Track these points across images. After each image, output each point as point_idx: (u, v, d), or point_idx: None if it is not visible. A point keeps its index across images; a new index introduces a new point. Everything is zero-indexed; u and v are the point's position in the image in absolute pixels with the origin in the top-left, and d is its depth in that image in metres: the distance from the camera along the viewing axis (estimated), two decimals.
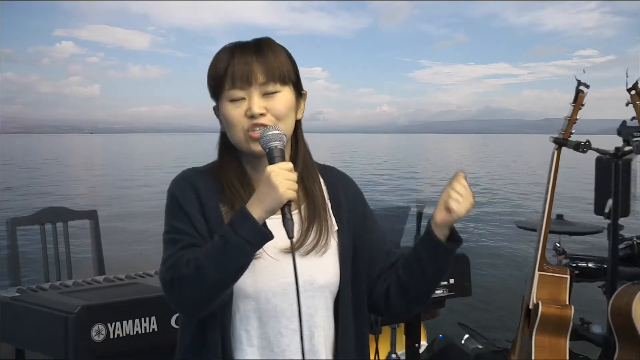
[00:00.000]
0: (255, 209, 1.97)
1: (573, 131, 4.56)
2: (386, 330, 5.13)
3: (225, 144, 2.25)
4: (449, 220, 2.13)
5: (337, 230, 2.28)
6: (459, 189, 2.11)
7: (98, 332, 3.17)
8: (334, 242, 2.26)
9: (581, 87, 4.50)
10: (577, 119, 4.53)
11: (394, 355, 5.18)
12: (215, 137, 2.27)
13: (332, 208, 2.31)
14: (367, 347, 2.40)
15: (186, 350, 2.22)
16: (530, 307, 4.45)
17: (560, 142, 4.55)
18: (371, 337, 4.25)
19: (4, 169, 40.35)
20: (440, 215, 2.13)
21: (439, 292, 4.18)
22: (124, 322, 3.24)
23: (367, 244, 2.34)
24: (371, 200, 2.38)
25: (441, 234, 2.16)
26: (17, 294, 3.59)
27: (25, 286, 3.77)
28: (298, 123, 2.27)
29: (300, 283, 2.01)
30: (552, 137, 4.58)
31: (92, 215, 4.81)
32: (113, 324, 3.21)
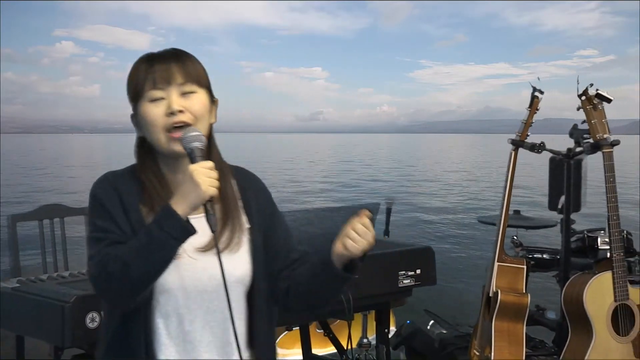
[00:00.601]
0: (179, 205, 1.97)
1: (529, 133, 4.66)
2: (358, 317, 5.19)
3: (143, 148, 2.23)
4: (344, 256, 2.14)
5: (249, 228, 2.28)
6: (358, 228, 2.13)
7: (92, 320, 3.22)
8: (245, 240, 2.26)
9: (536, 93, 4.58)
10: (532, 122, 4.62)
11: (365, 340, 5.25)
12: (215, 137, 2.27)
13: (243, 207, 2.31)
14: (274, 335, 2.45)
15: (110, 343, 2.20)
16: (490, 295, 4.51)
17: (517, 144, 4.64)
18: (344, 323, 4.38)
19: (4, 169, 39.46)
20: (338, 249, 2.14)
21: (406, 281, 4.23)
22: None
23: (272, 242, 2.33)
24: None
25: (339, 261, 2.17)
26: (17, 285, 3.63)
27: (24, 277, 3.80)
28: (211, 127, 2.26)
29: (218, 279, 2.06)
30: (509, 139, 4.65)
31: (87, 211, 4.82)
32: None
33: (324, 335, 4.77)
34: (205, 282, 2.15)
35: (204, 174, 1.99)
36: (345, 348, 4.75)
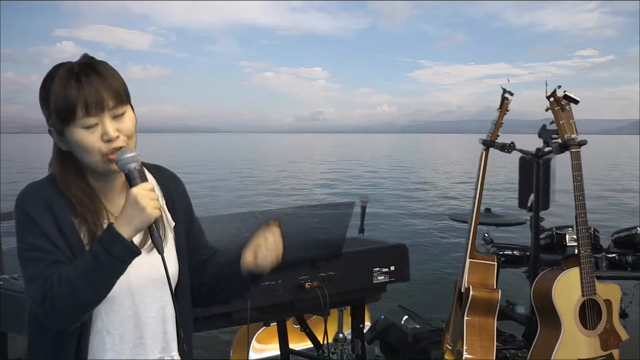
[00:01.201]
0: (124, 229, 1.94)
1: (499, 134, 4.64)
2: (334, 313, 5.18)
3: (66, 161, 2.14)
4: (253, 267, 2.20)
5: (174, 225, 2.29)
6: (270, 240, 2.18)
7: None
8: (171, 237, 2.27)
9: (506, 95, 4.58)
10: (502, 123, 4.61)
11: (341, 335, 5.23)
12: (216, 137, 2.27)
13: (166, 205, 2.30)
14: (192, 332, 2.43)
15: (46, 351, 2.12)
16: (462, 290, 4.50)
17: (488, 144, 4.63)
18: (320, 318, 4.34)
19: (4, 169, 39.01)
20: (248, 258, 2.20)
21: (381, 278, 4.22)
22: None
23: (191, 238, 2.36)
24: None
25: (246, 268, 2.23)
26: (0, 283, 3.59)
27: (7, 275, 3.75)
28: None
29: (151, 279, 2.11)
30: (480, 139, 4.65)
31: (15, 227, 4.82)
32: None
33: (301, 330, 4.77)
34: (142, 281, 2.15)
35: (148, 197, 1.96)
36: (321, 343, 4.75)
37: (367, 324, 5.74)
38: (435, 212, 20.97)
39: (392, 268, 4.25)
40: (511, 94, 4.59)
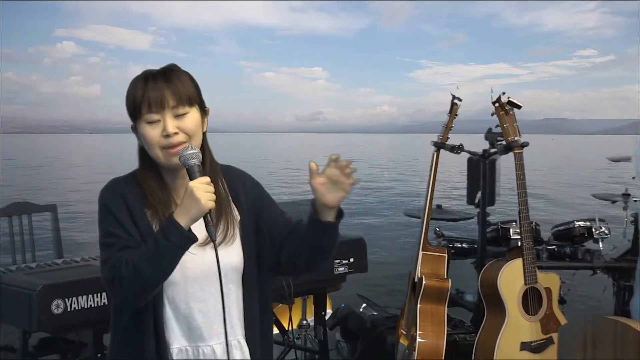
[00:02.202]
0: (181, 218, 2.04)
1: (449, 136, 4.69)
2: (298, 301, 5.19)
3: (144, 156, 2.26)
4: (324, 205, 2.15)
5: (240, 219, 2.32)
6: (341, 166, 2.11)
7: (57, 306, 3.20)
8: (238, 232, 2.30)
9: (455, 101, 4.62)
10: (452, 127, 4.66)
11: (304, 322, 5.26)
12: (216, 137, 2.28)
13: (233, 201, 2.34)
14: (270, 315, 2.46)
15: (125, 328, 2.24)
16: (416, 280, 4.53)
17: (439, 146, 4.67)
18: (285, 306, 4.36)
19: (4, 169, 37.80)
20: (327, 198, 2.13)
21: (341, 269, 4.24)
22: (79, 298, 3.27)
23: (267, 218, 2.36)
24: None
25: (329, 214, 2.19)
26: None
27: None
28: (204, 135, 2.29)
29: (215, 269, 2.11)
30: (432, 141, 4.69)
31: (52, 208, 4.80)
32: (70, 299, 3.25)
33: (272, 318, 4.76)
34: (206, 273, 2.20)
35: (203, 190, 2.05)
36: (286, 329, 4.75)
37: (329, 311, 5.74)
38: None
39: (352, 260, 4.27)
40: (460, 100, 4.63)
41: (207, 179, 2.09)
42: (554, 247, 5.61)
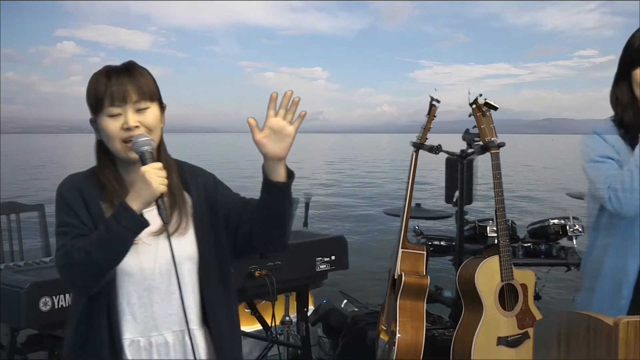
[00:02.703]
0: (134, 202, 2.04)
1: (428, 137, 4.70)
2: (281, 298, 5.20)
3: (103, 151, 2.26)
4: (271, 163, 2.14)
5: (193, 211, 2.31)
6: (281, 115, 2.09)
7: (45, 304, 3.20)
8: (191, 222, 2.29)
9: (433, 102, 4.63)
10: (430, 127, 4.67)
11: (287, 318, 5.26)
12: (215, 137, 2.28)
13: (186, 192, 2.33)
14: (233, 302, 2.44)
15: (78, 319, 2.22)
16: (395, 277, 4.53)
17: (418, 146, 4.68)
18: (268, 303, 4.35)
19: (4, 168, 37.66)
20: (271, 148, 2.10)
21: (322, 266, 4.24)
22: (66, 295, 3.26)
23: (222, 201, 2.34)
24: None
25: (280, 173, 2.15)
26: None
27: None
28: (161, 130, 2.29)
29: (170, 259, 2.13)
30: (411, 142, 4.70)
31: (40, 208, 4.77)
32: (57, 296, 3.24)
33: (251, 314, 4.77)
34: (159, 263, 2.19)
35: (155, 174, 2.06)
36: (269, 325, 4.75)
37: (311, 307, 5.75)
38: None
39: (333, 258, 4.27)
40: (438, 102, 4.64)
41: (159, 164, 2.11)
42: (529, 244, 5.63)
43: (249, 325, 5.36)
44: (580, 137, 2.87)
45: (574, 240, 5.59)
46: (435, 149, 4.74)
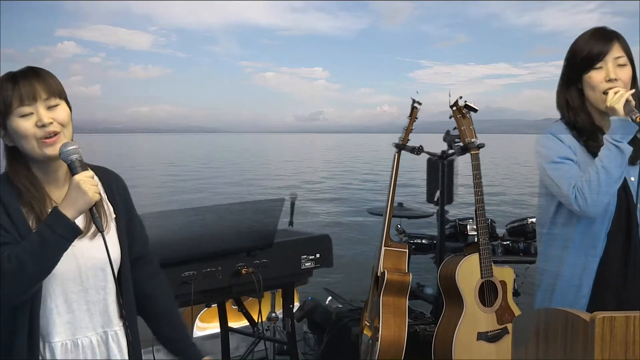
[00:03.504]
0: (68, 210, 2.01)
1: (409, 138, 4.70)
2: (267, 295, 5.20)
3: (13, 156, 2.19)
4: None
5: (115, 217, 2.32)
6: None
7: None
8: (113, 226, 2.30)
9: (415, 105, 4.64)
10: (412, 129, 4.67)
11: (273, 314, 5.26)
12: (215, 137, 2.25)
13: (108, 199, 2.33)
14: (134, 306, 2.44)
15: (3, 328, 2.12)
16: (379, 274, 4.54)
17: (400, 147, 4.68)
18: (255, 300, 4.34)
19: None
20: None
21: (308, 264, 4.23)
22: None
23: (131, 230, 2.38)
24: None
25: None
26: None
27: None
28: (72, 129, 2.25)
29: (95, 262, 2.15)
30: (393, 143, 4.70)
31: None
32: None
33: (238, 310, 4.76)
34: (86, 263, 2.18)
35: (89, 183, 2.03)
36: (256, 321, 4.74)
37: (297, 304, 5.75)
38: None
39: (318, 255, 4.26)
40: (419, 104, 4.65)
41: (91, 172, 2.09)
42: (508, 242, 5.65)
43: (236, 322, 5.35)
44: (535, 137, 2.88)
45: None
46: (417, 150, 4.74)
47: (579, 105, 2.79)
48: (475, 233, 4.48)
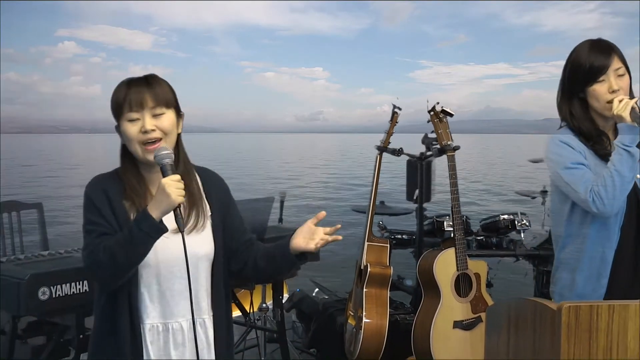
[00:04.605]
0: (153, 210, 2.08)
1: (390, 141, 4.71)
2: (258, 287, 5.18)
3: (126, 154, 2.30)
4: (303, 248, 2.27)
5: (211, 214, 2.38)
6: (321, 233, 2.26)
7: (43, 293, 3.19)
8: (208, 223, 2.36)
9: (395, 110, 4.65)
10: (392, 133, 4.68)
11: (264, 305, 5.25)
12: (215, 137, 2.29)
13: (206, 197, 2.39)
14: (230, 300, 2.51)
15: (103, 307, 2.26)
16: (362, 267, 4.55)
17: (381, 149, 4.70)
18: (247, 291, 4.34)
19: (4, 168, 36.28)
20: (297, 243, 2.27)
21: None
22: (63, 285, 3.27)
23: (229, 224, 2.43)
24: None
25: (293, 250, 2.29)
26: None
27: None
28: (179, 136, 2.34)
29: (187, 256, 2.15)
30: (375, 145, 4.72)
31: (38, 206, 4.75)
32: (55, 286, 3.24)
33: (231, 302, 4.76)
34: (177, 258, 2.20)
35: (174, 186, 2.09)
36: (248, 311, 4.75)
37: (286, 295, 5.76)
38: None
39: None
40: (399, 109, 4.67)
41: (177, 176, 2.13)
42: (482, 237, 5.67)
43: None
44: (546, 144, 2.88)
45: (522, 234, 5.65)
46: (397, 152, 4.76)
47: (583, 114, 2.81)
48: (452, 229, 4.51)
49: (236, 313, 5.13)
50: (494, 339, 2.19)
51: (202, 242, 2.30)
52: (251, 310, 4.71)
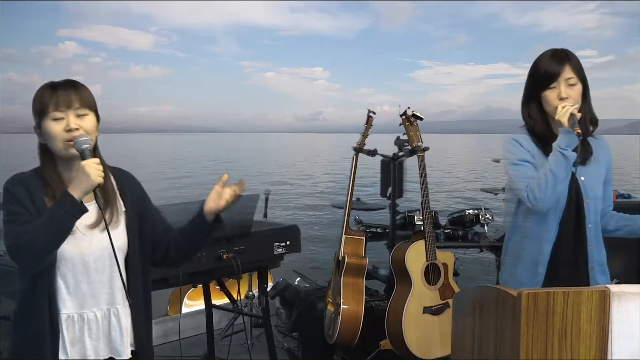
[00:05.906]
0: (74, 191, 2.05)
1: (366, 142, 4.71)
2: (245, 276, 5.20)
3: (45, 153, 2.25)
4: (215, 209, 2.32)
5: (125, 210, 2.34)
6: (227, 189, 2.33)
7: None
8: (123, 219, 2.31)
9: (370, 114, 4.65)
10: (368, 134, 4.69)
11: (250, 293, 5.27)
12: (215, 137, 2.26)
13: (120, 195, 2.35)
14: (149, 295, 2.44)
15: (23, 296, 2.19)
16: (340, 259, 4.56)
17: (357, 150, 4.70)
18: (235, 281, 4.33)
19: (4, 168, 35.96)
20: (210, 204, 2.32)
21: (279, 250, 4.24)
22: None
23: (149, 219, 2.41)
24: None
25: (210, 216, 2.33)
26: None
27: None
28: (96, 139, 2.30)
29: (102, 249, 2.18)
30: (352, 146, 4.72)
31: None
32: None
33: (220, 290, 4.76)
34: (93, 250, 2.19)
35: (94, 167, 2.07)
36: (235, 299, 4.74)
37: (270, 284, 5.75)
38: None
39: (288, 243, 4.27)
40: (374, 113, 4.68)
41: (97, 159, 2.13)
42: (449, 230, 5.68)
43: (219, 299, 5.34)
44: (501, 140, 2.94)
45: (486, 227, 5.66)
46: (372, 153, 4.77)
47: (539, 116, 2.85)
48: (422, 223, 4.52)
49: (224, 300, 5.13)
50: (460, 322, 2.20)
51: (117, 237, 2.23)
52: (238, 298, 4.70)
